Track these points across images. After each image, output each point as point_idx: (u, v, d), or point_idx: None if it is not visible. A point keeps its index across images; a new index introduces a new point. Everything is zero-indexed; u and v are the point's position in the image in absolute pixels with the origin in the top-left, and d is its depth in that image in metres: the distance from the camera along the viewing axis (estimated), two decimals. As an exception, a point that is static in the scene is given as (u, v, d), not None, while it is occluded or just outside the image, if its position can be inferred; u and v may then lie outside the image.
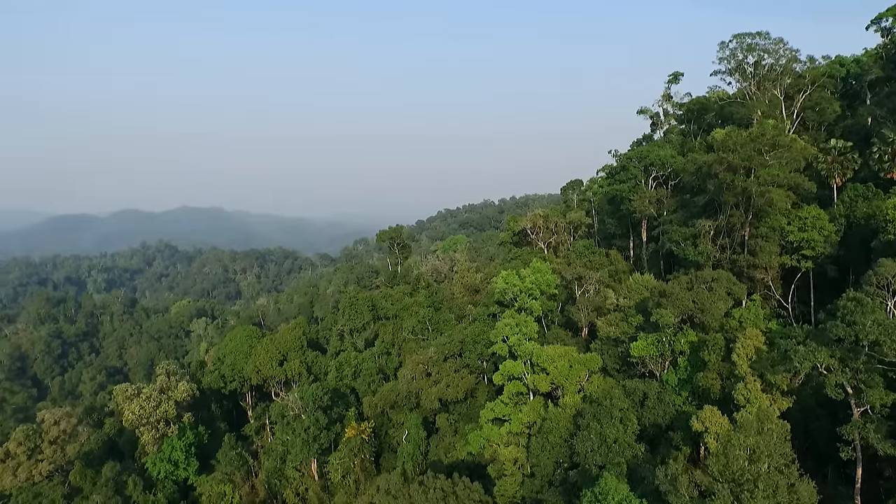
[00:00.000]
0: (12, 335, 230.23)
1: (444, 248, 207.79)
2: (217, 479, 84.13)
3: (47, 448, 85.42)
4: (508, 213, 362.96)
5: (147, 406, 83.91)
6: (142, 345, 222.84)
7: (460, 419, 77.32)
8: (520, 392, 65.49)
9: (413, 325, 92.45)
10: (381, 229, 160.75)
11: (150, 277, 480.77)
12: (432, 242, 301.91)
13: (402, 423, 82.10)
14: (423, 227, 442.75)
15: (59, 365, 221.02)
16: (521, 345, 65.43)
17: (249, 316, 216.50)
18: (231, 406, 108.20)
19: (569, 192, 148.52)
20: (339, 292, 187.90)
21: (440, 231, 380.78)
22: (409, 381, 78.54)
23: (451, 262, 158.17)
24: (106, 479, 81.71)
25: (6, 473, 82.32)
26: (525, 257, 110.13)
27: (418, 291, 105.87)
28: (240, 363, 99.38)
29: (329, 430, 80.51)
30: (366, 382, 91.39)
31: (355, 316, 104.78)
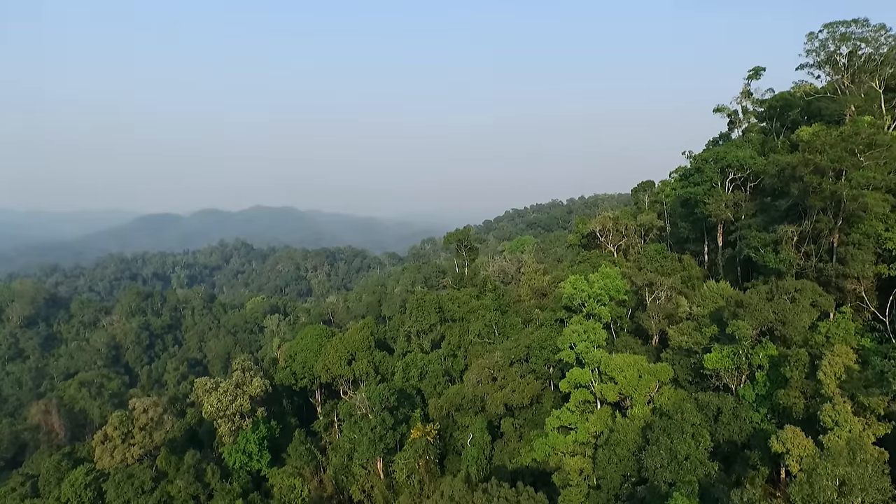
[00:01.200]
0: (108, 326, 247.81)
1: (511, 248, 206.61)
2: (287, 473, 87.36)
3: (138, 434, 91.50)
4: (577, 214, 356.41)
5: (224, 400, 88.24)
6: (219, 338, 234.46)
7: (525, 424, 76.69)
8: (587, 400, 64.22)
9: (479, 329, 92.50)
10: (448, 231, 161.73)
11: (228, 274, 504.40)
12: (499, 243, 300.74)
13: (466, 426, 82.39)
14: (490, 227, 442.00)
15: (147, 355, 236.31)
16: (589, 352, 64.15)
17: (319, 313, 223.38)
18: (301, 402, 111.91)
19: (639, 193, 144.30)
20: (406, 292, 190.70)
21: (507, 231, 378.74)
22: (474, 384, 78.64)
23: (518, 264, 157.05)
24: (188, 466, 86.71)
25: (105, 454, 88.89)
26: (594, 261, 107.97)
27: (485, 294, 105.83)
28: (310, 361, 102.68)
29: (395, 431, 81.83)
30: (432, 384, 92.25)
31: (422, 317, 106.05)
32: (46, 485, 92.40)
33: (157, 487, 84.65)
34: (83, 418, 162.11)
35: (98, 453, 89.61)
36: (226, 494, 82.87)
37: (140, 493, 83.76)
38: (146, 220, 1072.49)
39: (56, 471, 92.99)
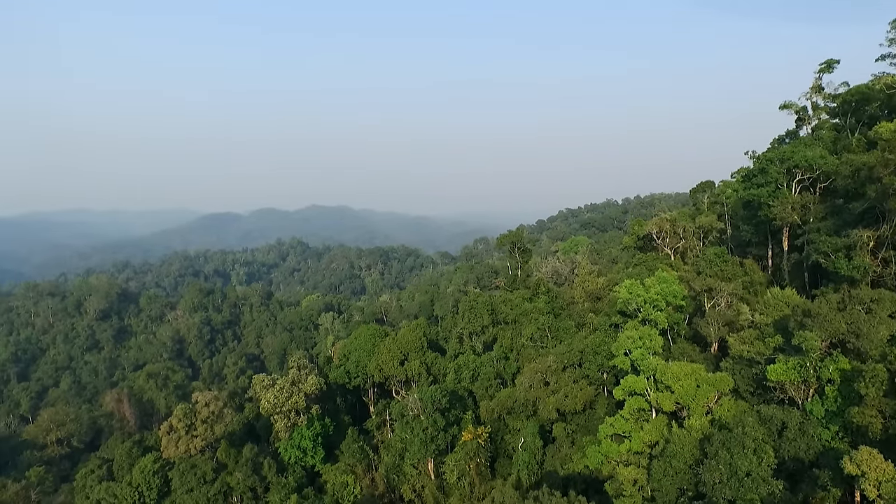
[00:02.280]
0: (173, 320, 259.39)
1: (564, 249, 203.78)
2: (341, 470, 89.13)
3: (200, 426, 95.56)
4: (632, 214, 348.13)
5: (280, 396, 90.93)
6: (276, 335, 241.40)
7: (578, 430, 75.56)
8: (641, 409, 62.71)
9: (532, 332, 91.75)
10: (500, 230, 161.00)
11: (284, 271, 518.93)
12: (553, 243, 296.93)
13: (518, 429, 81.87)
14: (543, 227, 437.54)
15: (208, 349, 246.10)
16: (645, 359, 62.62)
17: (373, 312, 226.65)
18: (354, 400, 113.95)
19: (698, 194, 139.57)
20: (458, 292, 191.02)
21: (561, 231, 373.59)
22: (526, 388, 78.07)
23: (571, 265, 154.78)
24: (246, 459, 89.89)
25: (171, 444, 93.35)
26: (650, 264, 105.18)
27: (538, 297, 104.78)
28: (363, 361, 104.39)
29: (446, 432, 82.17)
30: (483, 386, 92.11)
31: (474, 319, 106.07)
32: (120, 469, 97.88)
33: (217, 478, 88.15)
34: (150, 408, 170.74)
35: (164, 443, 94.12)
36: (281, 488, 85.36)
37: (202, 482, 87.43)
38: (208, 218, 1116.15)
39: (128, 457, 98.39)
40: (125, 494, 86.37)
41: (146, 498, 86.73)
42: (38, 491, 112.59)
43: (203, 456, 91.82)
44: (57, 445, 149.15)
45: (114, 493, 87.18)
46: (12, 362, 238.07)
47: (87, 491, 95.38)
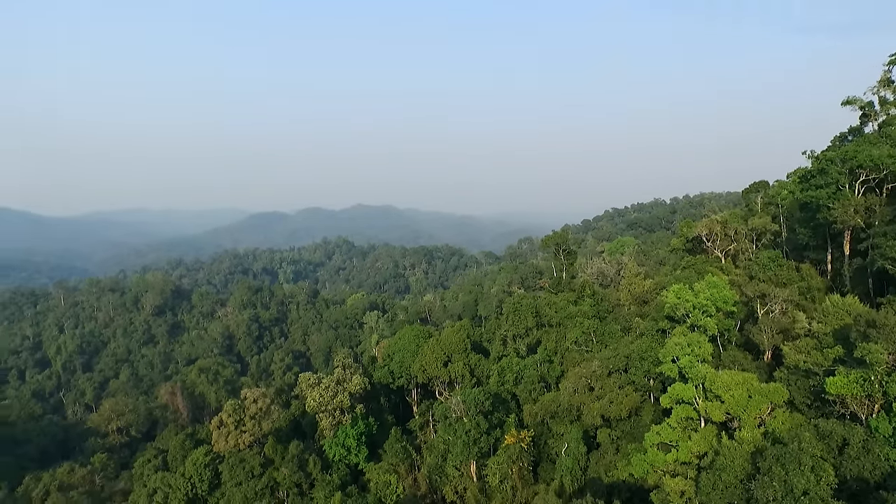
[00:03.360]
0: (223, 317, 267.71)
1: (610, 250, 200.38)
2: (384, 469, 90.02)
3: (249, 422, 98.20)
4: (681, 214, 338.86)
5: (326, 395, 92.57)
6: (322, 333, 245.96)
7: (623, 437, 74.11)
8: (689, 417, 60.88)
9: (577, 336, 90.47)
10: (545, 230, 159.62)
11: (330, 270, 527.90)
12: (598, 243, 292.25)
13: (561, 434, 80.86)
14: (588, 227, 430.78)
15: (256, 345, 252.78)
16: (693, 367, 60.76)
17: (417, 311, 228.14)
18: (398, 400, 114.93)
19: (752, 195, 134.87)
20: (502, 292, 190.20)
21: (607, 231, 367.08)
22: (570, 393, 77.09)
23: (617, 266, 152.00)
24: (292, 455, 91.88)
25: (221, 438, 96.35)
26: (699, 267, 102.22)
27: (583, 300, 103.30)
28: (407, 361, 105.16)
29: (489, 435, 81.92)
30: (527, 389, 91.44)
31: (518, 322, 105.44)
32: (174, 460, 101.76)
33: (264, 473, 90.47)
34: (202, 401, 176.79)
35: (215, 437, 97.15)
36: (326, 485, 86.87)
37: (250, 476, 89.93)
38: (257, 217, 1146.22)
39: (181, 449, 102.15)
40: (179, 485, 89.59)
41: (198, 489, 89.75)
42: (101, 476, 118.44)
43: (251, 451, 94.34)
44: (117, 434, 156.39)
45: (168, 483, 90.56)
46: (78, 354, 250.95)
47: (144, 479, 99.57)
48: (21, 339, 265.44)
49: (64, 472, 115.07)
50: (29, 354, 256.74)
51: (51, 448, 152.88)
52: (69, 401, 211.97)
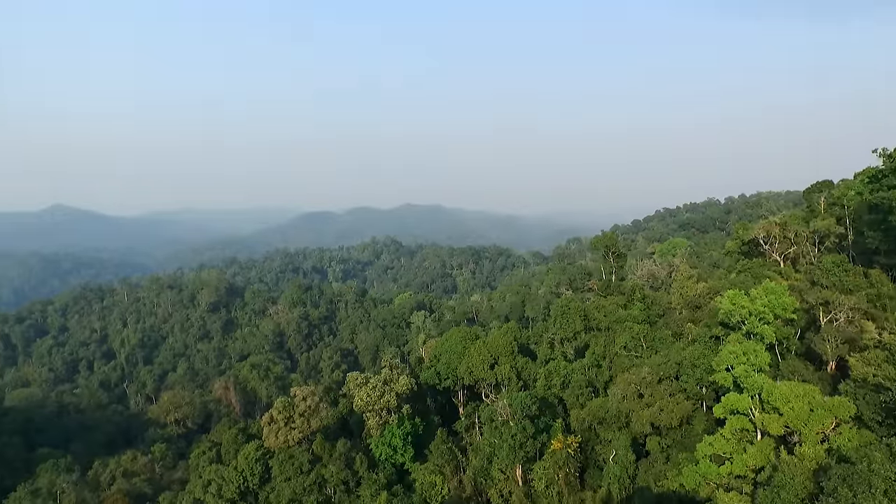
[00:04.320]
0: (274, 314, 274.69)
1: (661, 251, 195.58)
2: (429, 470, 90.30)
3: (298, 419, 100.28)
4: (736, 215, 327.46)
5: (373, 395, 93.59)
6: (370, 331, 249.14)
7: (673, 446, 72.06)
8: (745, 429, 58.65)
9: (626, 341, 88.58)
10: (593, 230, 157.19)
11: (378, 269, 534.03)
12: (649, 244, 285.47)
13: (609, 441, 79.27)
14: (639, 228, 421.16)
15: (306, 343, 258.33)
16: (749, 376, 58.50)
17: (464, 311, 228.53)
18: (444, 401, 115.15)
19: (814, 195, 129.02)
20: (550, 293, 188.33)
21: (658, 232, 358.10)
22: (619, 399, 75.54)
23: (668, 268, 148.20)
24: (339, 453, 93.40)
25: (271, 434, 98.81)
26: (756, 271, 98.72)
27: (633, 304, 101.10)
28: (454, 363, 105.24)
29: (535, 440, 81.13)
30: (574, 394, 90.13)
31: (566, 325, 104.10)
32: (227, 453, 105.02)
33: (313, 469, 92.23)
34: (253, 396, 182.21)
35: (265, 433, 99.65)
36: (372, 483, 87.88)
37: (299, 472, 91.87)
38: (307, 217, 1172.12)
39: (234, 443, 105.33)
40: (231, 477, 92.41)
41: (249, 483, 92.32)
42: (160, 465, 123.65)
43: (300, 447, 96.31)
44: (175, 425, 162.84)
45: (222, 476, 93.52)
46: (140, 347, 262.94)
47: (199, 470, 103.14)
48: (90, 332, 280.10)
49: (128, 460, 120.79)
50: (97, 346, 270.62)
51: (116, 436, 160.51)
52: (132, 391, 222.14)
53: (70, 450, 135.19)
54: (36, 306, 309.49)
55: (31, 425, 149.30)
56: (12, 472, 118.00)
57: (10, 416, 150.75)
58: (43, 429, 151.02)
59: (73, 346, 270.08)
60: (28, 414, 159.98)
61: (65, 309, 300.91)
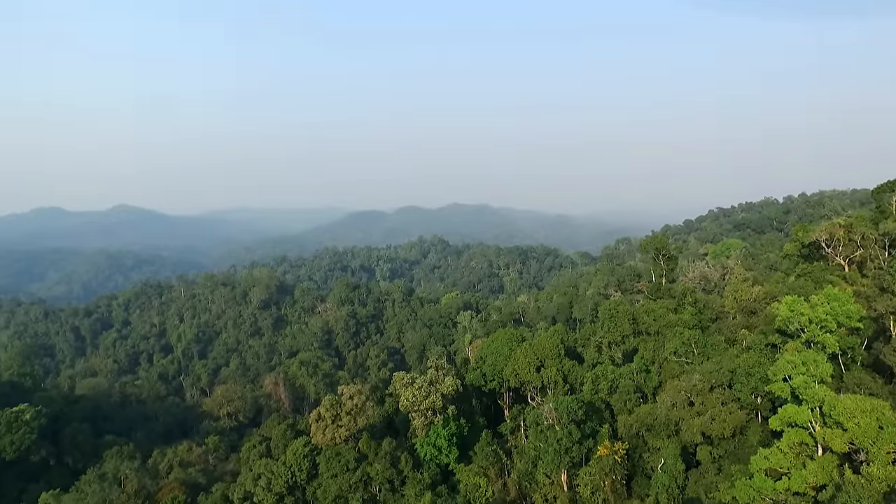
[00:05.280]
0: (323, 312, 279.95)
1: (714, 252, 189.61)
2: (474, 471, 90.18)
3: (345, 417, 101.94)
4: (796, 215, 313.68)
5: (419, 395, 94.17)
6: (416, 331, 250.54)
7: (726, 456, 69.69)
8: (804, 443, 55.96)
9: (676, 347, 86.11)
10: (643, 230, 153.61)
11: (425, 268, 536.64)
12: (701, 245, 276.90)
13: (658, 448, 77.37)
14: (691, 228, 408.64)
15: (353, 341, 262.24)
16: (809, 388, 55.85)
17: (510, 312, 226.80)
18: (490, 403, 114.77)
19: (885, 195, 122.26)
20: (598, 295, 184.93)
21: (711, 233, 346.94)
22: (668, 407, 73.60)
23: (722, 271, 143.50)
24: (385, 452, 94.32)
25: (318, 431, 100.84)
26: (817, 275, 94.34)
27: (683, 308, 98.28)
28: (500, 364, 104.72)
29: (581, 445, 79.89)
30: (622, 400, 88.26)
31: (614, 328, 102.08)
32: (276, 448, 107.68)
33: (358, 467, 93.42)
34: (302, 392, 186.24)
35: (313, 429, 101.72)
36: (417, 483, 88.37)
37: (345, 470, 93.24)
38: (356, 216, 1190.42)
39: (283, 438, 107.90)
40: (280, 472, 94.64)
41: (297, 478, 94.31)
42: (214, 456, 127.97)
43: (346, 445, 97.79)
44: (228, 418, 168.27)
45: (271, 470, 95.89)
46: (195, 342, 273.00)
47: (250, 464, 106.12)
48: (150, 327, 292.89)
49: (184, 450, 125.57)
50: (156, 340, 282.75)
51: (173, 426, 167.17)
52: (188, 384, 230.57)
53: (132, 438, 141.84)
54: (102, 301, 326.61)
55: (99, 413, 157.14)
56: (83, 456, 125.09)
57: (81, 404, 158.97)
58: (108, 417, 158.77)
59: (135, 340, 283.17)
60: (96, 402, 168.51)
61: (127, 304, 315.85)
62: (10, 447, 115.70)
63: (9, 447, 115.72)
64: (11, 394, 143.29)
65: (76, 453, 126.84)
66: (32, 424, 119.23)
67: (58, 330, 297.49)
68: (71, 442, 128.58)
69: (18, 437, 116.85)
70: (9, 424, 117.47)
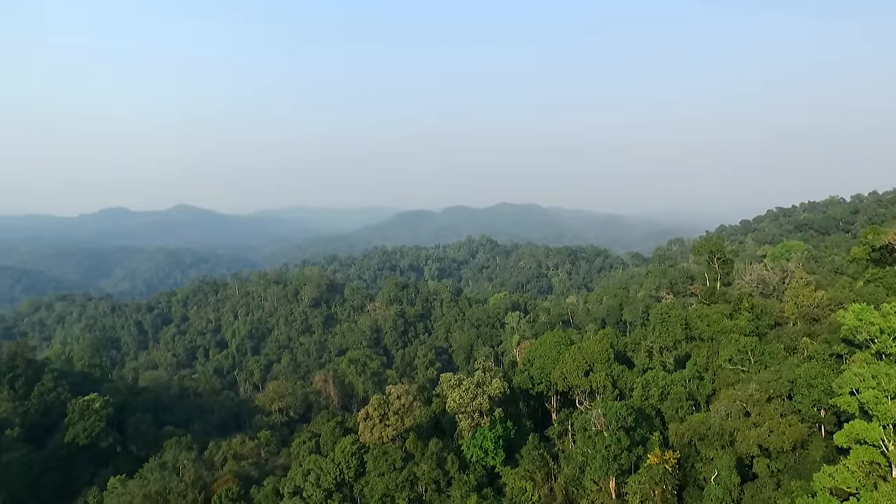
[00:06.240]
0: (372, 311, 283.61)
1: (773, 255, 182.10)
2: (520, 475, 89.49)
3: (392, 417, 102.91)
4: (866, 215, 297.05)
5: (465, 397, 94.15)
6: (464, 331, 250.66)
7: (785, 471, 66.74)
8: (874, 462, 52.90)
9: (731, 354, 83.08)
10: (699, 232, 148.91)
11: (473, 268, 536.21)
12: (759, 246, 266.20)
13: (711, 459, 74.83)
14: (748, 229, 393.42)
15: (401, 340, 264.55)
16: (880, 403, 52.80)
17: (559, 313, 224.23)
18: (537, 406, 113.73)
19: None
20: (650, 297, 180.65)
21: (770, 233, 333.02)
22: (723, 416, 71.11)
23: (782, 274, 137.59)
24: (431, 452, 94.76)
25: (366, 430, 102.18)
26: (889, 281, 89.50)
27: (739, 313, 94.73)
28: (547, 368, 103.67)
29: (630, 452, 78.15)
30: (673, 407, 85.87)
31: (666, 333, 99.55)
32: (325, 445, 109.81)
33: (405, 467, 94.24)
34: (351, 390, 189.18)
35: (361, 428, 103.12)
36: (463, 485, 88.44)
37: (392, 469, 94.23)
38: (404, 216, 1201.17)
39: (332, 435, 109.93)
40: (329, 469, 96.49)
41: (345, 475, 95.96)
42: (265, 450, 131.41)
43: (393, 444, 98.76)
44: (279, 413, 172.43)
45: (320, 466, 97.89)
46: (248, 338, 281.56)
47: (299, 459, 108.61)
48: (206, 322, 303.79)
49: (238, 443, 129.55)
50: (212, 336, 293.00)
51: (227, 419, 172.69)
52: (241, 379, 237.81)
53: (190, 429, 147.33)
54: (162, 297, 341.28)
55: (159, 404, 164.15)
56: (146, 444, 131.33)
57: (143, 395, 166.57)
58: (168, 408, 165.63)
59: (193, 335, 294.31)
60: (157, 394, 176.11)
61: (186, 300, 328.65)
62: (83, 433, 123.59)
63: (82, 433, 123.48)
64: (83, 383, 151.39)
65: (139, 442, 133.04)
66: (101, 413, 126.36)
67: (123, 324, 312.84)
68: (135, 431, 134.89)
69: (90, 424, 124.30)
70: (81, 412, 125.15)
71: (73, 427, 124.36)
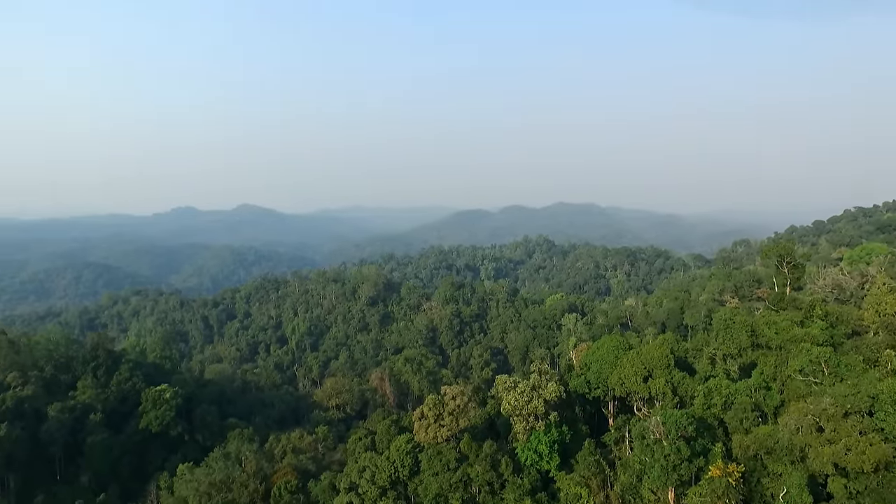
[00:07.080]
0: (428, 310, 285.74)
1: (851, 258, 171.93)
2: (575, 481, 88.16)
3: (447, 417, 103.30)
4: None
5: (521, 399, 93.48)
6: (520, 331, 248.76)
7: (866, 494, 62.69)
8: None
9: (803, 364, 78.90)
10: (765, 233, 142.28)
11: (530, 268, 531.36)
12: (835, 249, 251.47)
13: (779, 475, 71.35)
14: (822, 229, 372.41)
15: (457, 339, 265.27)
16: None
17: (617, 316, 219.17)
18: (593, 411, 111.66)
19: None
20: (713, 301, 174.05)
21: (847, 235, 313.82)
22: (792, 430, 67.71)
23: (861, 279, 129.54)
24: (485, 454, 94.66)
25: (421, 429, 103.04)
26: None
27: (812, 321, 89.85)
28: (605, 372, 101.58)
29: (691, 463, 75.53)
30: (737, 418, 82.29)
31: (730, 340, 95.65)
32: (380, 443, 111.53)
33: (459, 467, 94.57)
34: (406, 388, 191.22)
35: (416, 427, 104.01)
36: (517, 488, 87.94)
37: (446, 469, 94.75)
38: (461, 215, 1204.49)
39: (387, 433, 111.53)
40: (384, 466, 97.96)
41: (400, 473, 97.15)
42: (322, 445, 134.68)
43: (448, 445, 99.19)
44: (336, 409, 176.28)
45: (375, 464, 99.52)
46: (308, 335, 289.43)
47: (355, 455, 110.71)
48: (267, 319, 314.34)
49: (296, 437, 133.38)
50: (273, 332, 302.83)
51: (287, 413, 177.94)
52: (300, 375, 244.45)
53: (251, 422, 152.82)
54: (227, 293, 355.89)
55: (224, 397, 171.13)
56: (211, 434, 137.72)
57: (209, 387, 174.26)
58: (232, 401, 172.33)
59: (255, 330, 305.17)
60: (221, 387, 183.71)
61: (248, 296, 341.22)
62: (155, 421, 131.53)
63: (154, 421, 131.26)
64: (155, 374, 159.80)
65: (205, 432, 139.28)
66: (171, 403, 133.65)
67: (190, 318, 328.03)
68: (201, 421, 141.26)
69: (161, 413, 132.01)
70: (154, 401, 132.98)
71: (147, 415, 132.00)
